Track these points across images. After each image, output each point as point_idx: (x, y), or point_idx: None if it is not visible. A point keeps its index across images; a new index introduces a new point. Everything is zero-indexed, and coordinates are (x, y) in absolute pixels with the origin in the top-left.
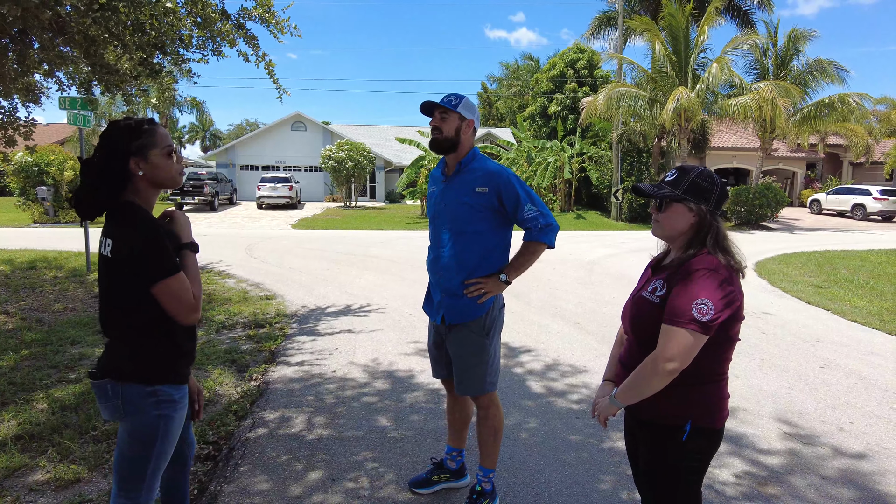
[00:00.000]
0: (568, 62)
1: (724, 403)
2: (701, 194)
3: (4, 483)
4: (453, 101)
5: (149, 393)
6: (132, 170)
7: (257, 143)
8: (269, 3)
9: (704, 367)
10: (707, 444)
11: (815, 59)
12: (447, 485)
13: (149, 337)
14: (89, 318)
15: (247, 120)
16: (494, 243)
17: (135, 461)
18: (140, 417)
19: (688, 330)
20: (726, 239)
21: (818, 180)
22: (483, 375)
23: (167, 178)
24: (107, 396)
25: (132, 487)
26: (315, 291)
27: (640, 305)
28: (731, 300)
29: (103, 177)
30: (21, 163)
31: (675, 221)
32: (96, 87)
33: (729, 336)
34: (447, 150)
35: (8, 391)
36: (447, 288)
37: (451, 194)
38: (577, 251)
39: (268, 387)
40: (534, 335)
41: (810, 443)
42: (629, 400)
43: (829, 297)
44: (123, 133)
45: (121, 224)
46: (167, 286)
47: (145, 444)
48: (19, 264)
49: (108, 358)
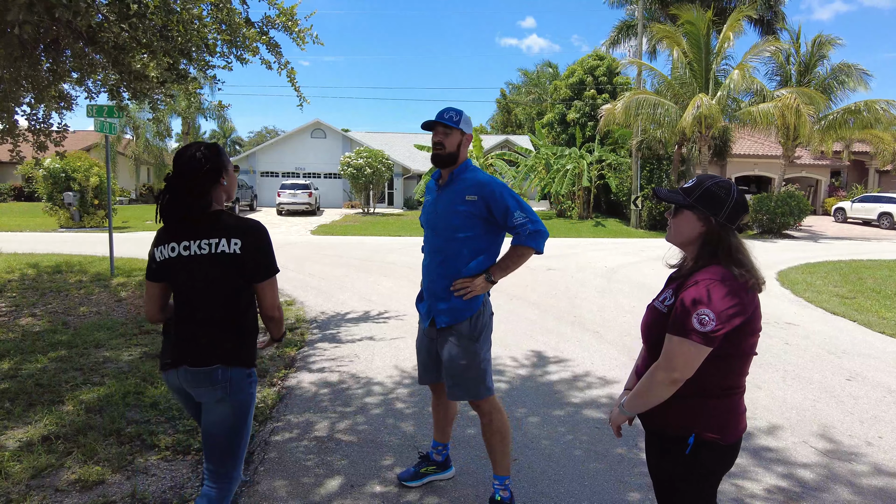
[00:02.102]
0: (587, 69)
1: (734, 419)
2: (713, 204)
3: (31, 483)
4: (454, 118)
5: (247, 374)
6: (221, 182)
7: (277, 150)
8: (292, 11)
9: (712, 379)
10: (714, 458)
11: (840, 62)
12: (434, 477)
13: (248, 327)
14: (113, 321)
15: (266, 127)
16: (483, 249)
17: (235, 435)
18: (241, 396)
19: (689, 340)
20: (740, 252)
21: (843, 188)
22: (476, 380)
23: (234, 189)
24: (215, 380)
25: (232, 463)
26: (334, 297)
27: (651, 314)
28: (737, 312)
29: (202, 190)
30: (49, 168)
31: (684, 228)
32: (124, 94)
33: (740, 350)
34: (449, 164)
35: (35, 393)
36: (438, 291)
37: (443, 203)
38: (596, 259)
39: (288, 392)
40: (552, 344)
41: (838, 457)
42: (637, 409)
43: (855, 308)
44: (215, 153)
45: (245, 227)
46: (274, 282)
47: (244, 417)
48: (45, 268)
49: (211, 347)
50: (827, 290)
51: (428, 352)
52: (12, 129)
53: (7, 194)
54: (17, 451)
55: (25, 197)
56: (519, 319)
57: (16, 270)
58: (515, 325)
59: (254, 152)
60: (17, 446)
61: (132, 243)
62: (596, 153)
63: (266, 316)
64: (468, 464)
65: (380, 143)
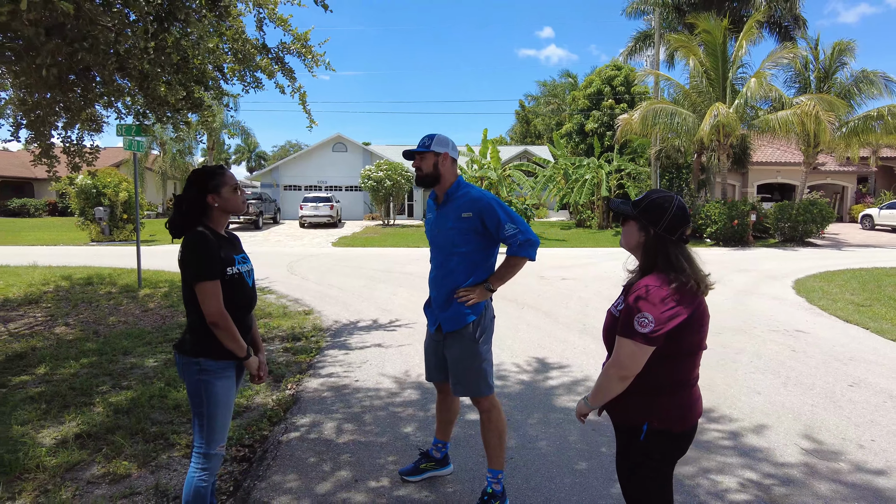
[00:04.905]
0: (605, 79)
1: (685, 410)
2: (652, 216)
3: (66, 475)
4: (426, 143)
5: (194, 363)
6: (209, 202)
7: (300, 164)
8: (305, 36)
9: (660, 375)
10: (666, 444)
11: (861, 70)
12: (433, 473)
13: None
14: (140, 330)
15: (289, 141)
16: (479, 261)
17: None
18: (189, 380)
19: (632, 340)
20: (680, 258)
21: (871, 195)
22: (479, 378)
23: (234, 207)
24: (176, 363)
25: (197, 438)
26: (351, 307)
27: (608, 319)
28: (674, 314)
29: (189, 207)
30: (81, 185)
31: (628, 236)
32: (150, 117)
33: (685, 348)
34: (431, 183)
35: (69, 395)
36: (443, 300)
37: (441, 221)
38: (612, 269)
39: (301, 395)
40: (558, 351)
41: (825, 458)
42: (597, 402)
43: (870, 316)
44: (202, 176)
45: (186, 237)
46: (203, 287)
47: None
48: (77, 280)
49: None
50: (843, 298)
51: (434, 353)
52: (48, 151)
53: (42, 209)
54: (53, 447)
55: (59, 212)
56: (529, 328)
57: (51, 282)
58: (525, 333)
59: (277, 166)
60: (53, 443)
61: (159, 256)
62: (615, 163)
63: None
64: (466, 462)
65: (399, 155)
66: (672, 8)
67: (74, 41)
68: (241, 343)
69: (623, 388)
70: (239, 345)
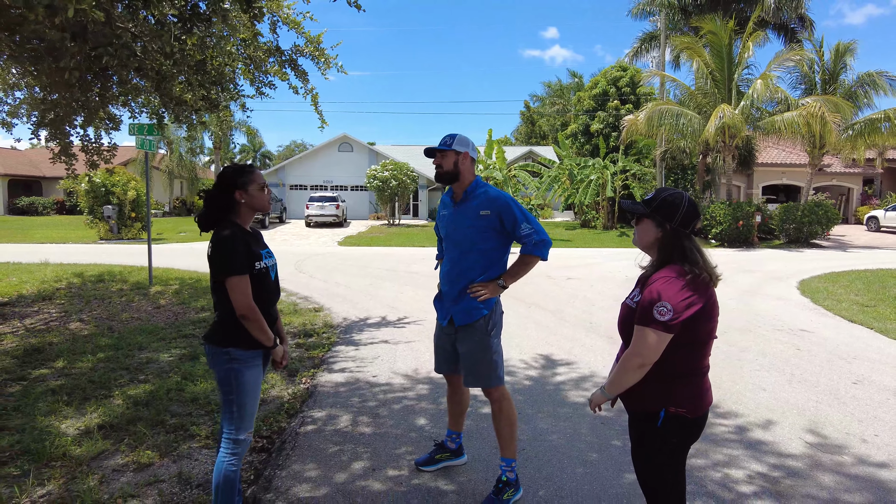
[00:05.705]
0: (610, 80)
1: (698, 396)
2: (667, 213)
3: (91, 463)
4: (447, 142)
5: (223, 352)
6: (237, 198)
7: (306, 164)
8: (318, 38)
9: (676, 363)
10: (682, 429)
11: (866, 72)
12: (448, 463)
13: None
14: (153, 326)
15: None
16: (495, 258)
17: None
18: (217, 369)
19: (651, 329)
20: (694, 252)
21: (876, 196)
22: (490, 370)
23: (261, 205)
24: (206, 353)
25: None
26: (359, 305)
27: (624, 311)
28: (691, 303)
29: (218, 202)
30: (90, 183)
31: (644, 234)
32: (165, 117)
33: (699, 336)
34: (450, 180)
35: (89, 388)
36: (456, 295)
37: (459, 218)
38: (617, 269)
39: (316, 389)
40: (566, 348)
41: (829, 451)
42: (615, 391)
43: (874, 316)
44: (232, 174)
45: (215, 235)
46: (233, 282)
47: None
48: (89, 277)
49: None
50: (848, 299)
51: (444, 346)
52: (67, 149)
53: (50, 208)
54: (77, 437)
55: (67, 210)
56: (537, 326)
57: (63, 279)
58: (532, 331)
59: (283, 166)
60: (77, 433)
61: (167, 254)
62: (620, 163)
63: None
64: (479, 453)
65: (405, 155)
66: (678, 9)
67: (98, 45)
68: (269, 333)
69: (641, 377)
70: (267, 335)
